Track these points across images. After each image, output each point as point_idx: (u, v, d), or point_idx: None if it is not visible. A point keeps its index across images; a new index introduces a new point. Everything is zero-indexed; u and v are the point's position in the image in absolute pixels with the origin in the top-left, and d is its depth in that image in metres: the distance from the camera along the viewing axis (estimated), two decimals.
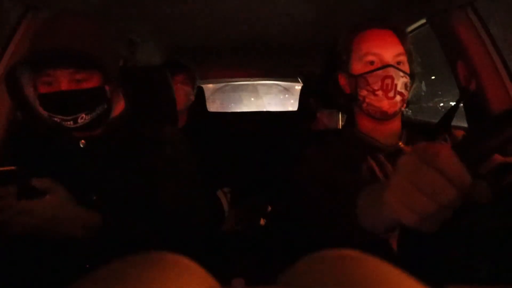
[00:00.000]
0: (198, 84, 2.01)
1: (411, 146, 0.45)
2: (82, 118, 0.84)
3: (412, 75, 0.92)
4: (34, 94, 0.87)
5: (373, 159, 0.86)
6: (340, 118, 2.10)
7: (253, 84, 6.02)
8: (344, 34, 0.96)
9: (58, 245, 0.77)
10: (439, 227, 0.43)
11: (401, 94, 0.88)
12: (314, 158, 0.91)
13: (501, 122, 0.43)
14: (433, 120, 1.83)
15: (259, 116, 2.76)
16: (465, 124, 1.37)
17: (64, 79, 0.82)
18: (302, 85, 2.61)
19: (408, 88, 0.90)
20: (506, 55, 1.25)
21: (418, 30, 1.63)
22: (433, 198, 0.40)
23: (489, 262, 0.69)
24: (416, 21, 1.55)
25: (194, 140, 1.11)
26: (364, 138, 0.95)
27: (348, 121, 1.09)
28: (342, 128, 1.55)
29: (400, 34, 0.92)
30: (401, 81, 0.88)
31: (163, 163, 0.93)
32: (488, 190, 0.64)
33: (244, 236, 1.79)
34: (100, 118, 0.88)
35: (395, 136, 0.95)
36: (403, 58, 0.91)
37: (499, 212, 0.65)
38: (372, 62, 0.89)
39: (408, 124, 1.02)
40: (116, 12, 1.55)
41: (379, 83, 0.87)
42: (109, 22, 0.94)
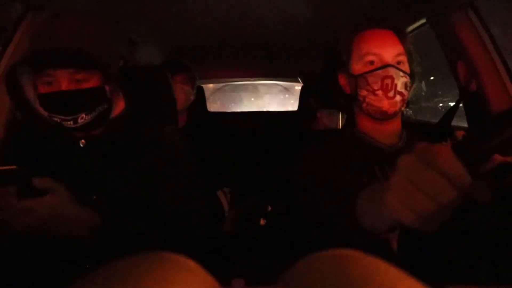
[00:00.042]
0: (198, 84, 2.01)
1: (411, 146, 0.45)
2: (82, 118, 0.84)
3: (412, 75, 0.92)
4: (34, 94, 0.87)
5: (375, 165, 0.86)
6: (340, 118, 2.10)
7: (253, 84, 6.02)
8: (344, 34, 0.96)
9: (58, 244, 0.77)
10: (439, 227, 0.43)
11: (401, 94, 0.88)
12: (314, 158, 0.91)
13: (501, 122, 0.43)
14: (433, 120, 1.83)
15: (259, 116, 2.76)
16: (465, 124, 1.37)
17: (64, 79, 0.82)
18: (302, 85, 2.61)
19: (408, 88, 0.90)
20: (506, 55, 1.25)
21: (418, 30, 1.63)
22: (433, 198, 0.40)
23: (489, 262, 0.69)
24: (416, 21, 1.55)
25: (194, 140, 1.11)
26: (364, 138, 0.95)
27: (348, 121, 1.09)
28: (342, 128, 1.55)
29: (400, 34, 0.92)
30: (401, 81, 0.88)
31: (163, 163, 0.93)
32: (488, 190, 0.64)
33: (244, 236, 1.78)
34: (100, 118, 0.88)
35: (395, 136, 0.95)
36: (403, 58, 0.91)
37: (499, 212, 0.65)
38: (372, 62, 0.89)
39: (408, 124, 1.02)
40: (116, 12, 1.55)
41: (379, 83, 0.87)
42: (109, 22, 0.94)
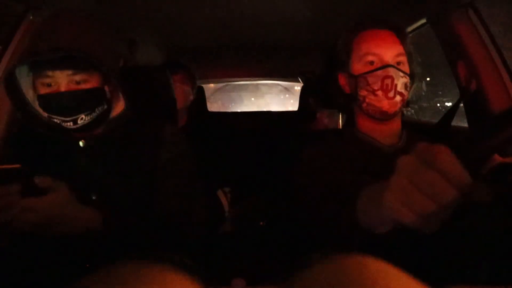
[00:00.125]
0: (198, 84, 2.01)
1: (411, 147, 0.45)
2: (82, 119, 0.84)
3: (412, 75, 0.92)
4: (33, 95, 0.87)
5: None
6: (340, 118, 2.10)
7: (253, 84, 6.02)
8: (344, 34, 0.96)
9: (59, 244, 0.77)
10: (439, 227, 0.43)
11: (401, 94, 0.88)
12: (314, 158, 0.91)
13: (501, 122, 0.43)
14: (433, 120, 1.83)
15: (259, 116, 2.76)
16: (465, 124, 1.37)
17: (63, 80, 0.82)
18: (302, 85, 2.61)
19: (408, 88, 0.90)
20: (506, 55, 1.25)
21: (418, 30, 1.63)
22: (433, 198, 0.40)
23: (489, 262, 0.69)
24: (416, 21, 1.55)
25: (194, 139, 1.11)
26: (364, 138, 0.95)
27: (348, 121, 1.09)
28: (342, 128, 1.55)
29: (400, 34, 0.92)
30: (401, 81, 0.88)
31: (163, 163, 0.93)
32: (488, 191, 0.64)
33: (244, 236, 1.78)
34: (100, 118, 0.88)
35: (395, 136, 0.95)
36: (403, 58, 0.91)
37: (499, 212, 0.65)
38: (372, 62, 0.89)
39: (408, 124, 1.02)
40: (116, 12, 1.55)
41: (379, 83, 0.87)
42: (109, 22, 0.94)
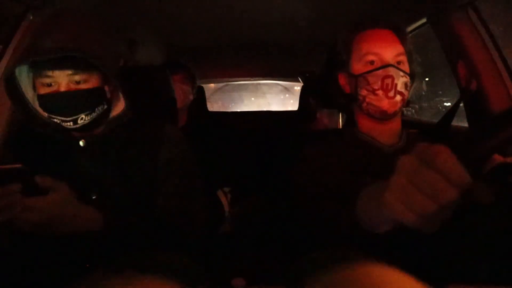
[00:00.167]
0: (198, 84, 2.01)
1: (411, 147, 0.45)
2: (82, 119, 0.84)
3: (412, 75, 0.92)
4: (33, 95, 0.87)
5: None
6: (340, 118, 2.10)
7: (253, 83, 6.02)
8: (344, 33, 0.96)
9: (59, 244, 0.77)
10: (439, 227, 0.43)
11: (401, 93, 0.88)
12: (314, 158, 0.91)
13: (501, 122, 0.43)
14: (433, 120, 1.83)
15: (259, 115, 2.76)
16: (465, 124, 1.37)
17: (63, 80, 0.82)
18: (302, 85, 2.61)
19: (408, 88, 0.90)
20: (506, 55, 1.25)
21: (418, 30, 1.63)
22: (433, 199, 0.40)
23: (489, 262, 0.69)
24: (416, 21, 1.55)
25: (194, 139, 1.11)
26: (364, 138, 0.95)
27: (348, 121, 1.09)
28: (342, 128, 1.55)
29: (400, 34, 0.92)
30: (401, 80, 0.88)
31: (163, 163, 0.93)
32: (488, 191, 0.64)
33: (244, 236, 1.78)
34: (99, 118, 0.88)
35: (395, 136, 0.95)
36: (403, 58, 0.91)
37: (499, 212, 0.65)
38: (372, 62, 0.89)
39: (408, 124, 1.02)
40: (116, 12, 1.55)
41: (379, 83, 0.87)
42: (109, 22, 0.94)
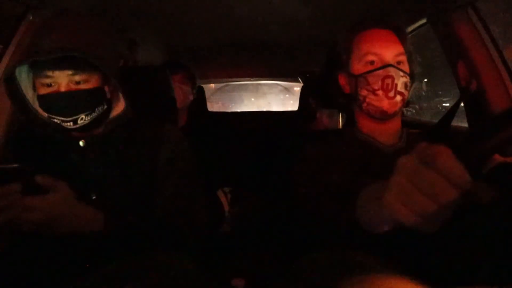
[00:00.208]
0: (198, 84, 2.01)
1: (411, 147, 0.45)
2: (82, 119, 0.84)
3: (412, 75, 0.92)
4: (33, 95, 0.87)
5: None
6: (340, 118, 2.10)
7: (253, 84, 6.03)
8: (344, 33, 0.96)
9: (59, 244, 0.77)
10: (439, 227, 0.43)
11: (401, 94, 0.88)
12: (314, 158, 0.91)
13: (501, 122, 0.43)
14: (433, 120, 1.83)
15: (259, 115, 2.76)
16: (465, 124, 1.37)
17: (63, 81, 0.81)
18: (302, 85, 2.61)
19: (408, 88, 0.90)
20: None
21: (418, 30, 1.63)
22: (433, 199, 0.40)
23: (489, 262, 0.69)
24: (416, 21, 1.55)
25: (194, 139, 1.11)
26: (364, 138, 0.95)
27: (348, 121, 1.09)
28: (342, 128, 1.55)
29: (400, 34, 0.92)
30: (401, 81, 0.88)
31: (163, 163, 0.93)
32: (488, 190, 0.64)
33: (244, 236, 1.78)
34: (99, 118, 0.88)
35: (395, 136, 0.95)
36: (403, 58, 0.91)
37: (499, 212, 0.65)
38: (372, 62, 0.89)
39: (408, 124, 1.02)
40: (116, 12, 1.55)
41: (379, 83, 0.87)
42: (109, 22, 0.94)
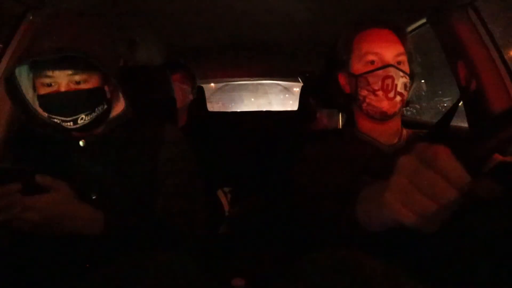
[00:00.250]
0: (198, 83, 2.01)
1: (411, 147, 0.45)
2: (82, 119, 0.84)
3: (412, 75, 0.92)
4: (33, 95, 0.87)
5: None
6: (340, 118, 2.10)
7: (253, 84, 6.03)
8: (344, 33, 0.96)
9: (59, 244, 0.77)
10: (439, 227, 0.43)
11: (401, 94, 0.88)
12: (314, 158, 0.91)
13: (501, 122, 0.43)
14: (433, 120, 1.83)
15: (259, 115, 2.76)
16: (465, 124, 1.37)
17: (63, 80, 0.82)
18: (301, 85, 2.61)
19: (407, 88, 0.90)
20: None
21: (418, 30, 1.63)
22: (432, 199, 0.40)
23: (489, 262, 0.69)
24: (416, 21, 1.55)
25: (194, 139, 1.11)
26: (364, 138, 0.95)
27: (348, 121, 1.09)
28: (342, 128, 1.55)
29: (400, 34, 0.92)
30: (401, 81, 0.88)
31: (163, 163, 0.93)
32: (492, 186, 0.64)
33: (244, 236, 1.78)
34: (99, 118, 0.88)
35: (395, 135, 0.95)
36: (403, 58, 0.90)
37: (499, 212, 0.65)
38: (372, 62, 0.89)
39: (408, 124, 1.02)
40: (116, 12, 1.55)
41: (380, 83, 0.87)
42: (109, 22, 0.94)
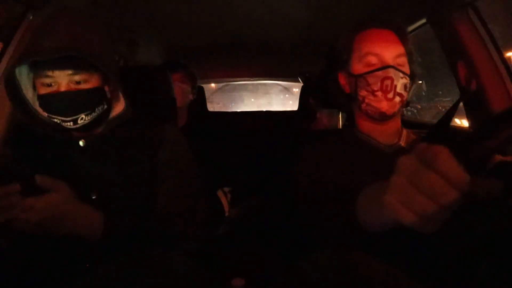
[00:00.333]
0: (198, 83, 2.01)
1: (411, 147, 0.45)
2: (82, 119, 0.84)
3: (412, 76, 0.92)
4: (33, 95, 0.87)
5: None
6: (340, 118, 2.10)
7: (253, 84, 6.04)
8: (344, 33, 0.96)
9: (59, 244, 0.77)
10: (439, 227, 0.43)
11: (400, 95, 0.88)
12: (314, 158, 0.91)
13: (501, 122, 0.43)
14: (433, 120, 1.83)
15: (259, 115, 2.76)
16: (465, 124, 1.38)
17: (63, 80, 0.81)
18: (301, 85, 2.61)
19: (407, 89, 0.90)
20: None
21: (418, 30, 1.63)
22: (432, 199, 0.40)
23: (489, 262, 0.69)
24: (416, 21, 1.55)
25: (194, 139, 1.11)
26: (364, 138, 0.95)
27: (348, 121, 1.09)
28: (342, 128, 1.55)
29: (401, 34, 0.92)
30: (400, 82, 0.87)
31: (163, 163, 0.93)
32: (490, 188, 0.64)
33: (244, 236, 1.78)
34: (99, 118, 0.88)
35: (395, 136, 0.95)
36: (404, 58, 0.90)
37: (499, 212, 0.65)
38: (372, 63, 0.89)
39: (408, 124, 1.02)
40: (116, 12, 1.55)
41: (379, 84, 0.87)
42: (109, 22, 0.94)
